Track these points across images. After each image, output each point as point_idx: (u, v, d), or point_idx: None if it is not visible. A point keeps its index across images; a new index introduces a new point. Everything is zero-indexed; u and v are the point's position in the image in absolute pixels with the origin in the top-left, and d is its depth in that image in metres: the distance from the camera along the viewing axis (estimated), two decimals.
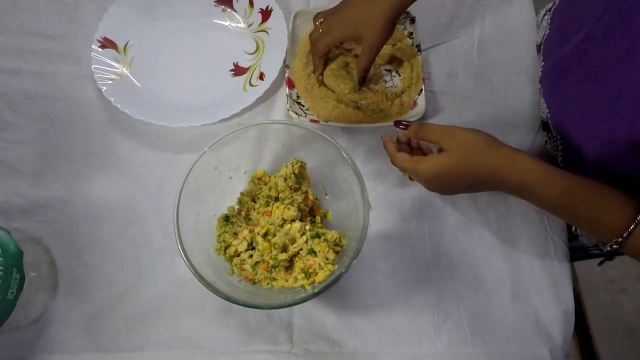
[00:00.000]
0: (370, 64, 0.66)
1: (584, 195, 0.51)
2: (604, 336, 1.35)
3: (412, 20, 0.78)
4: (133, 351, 0.61)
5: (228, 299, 0.52)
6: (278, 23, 0.76)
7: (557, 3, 0.75)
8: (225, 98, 0.73)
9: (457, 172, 0.54)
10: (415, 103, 0.73)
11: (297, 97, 0.74)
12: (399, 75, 0.77)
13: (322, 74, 0.74)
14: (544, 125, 0.72)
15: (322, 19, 0.68)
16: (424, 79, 0.74)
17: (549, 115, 0.68)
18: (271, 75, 0.73)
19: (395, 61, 0.77)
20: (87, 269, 0.64)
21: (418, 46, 0.76)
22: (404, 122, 0.60)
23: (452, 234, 0.68)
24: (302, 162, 0.63)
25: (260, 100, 0.72)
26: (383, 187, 0.70)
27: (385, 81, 0.76)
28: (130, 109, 0.69)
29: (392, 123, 0.62)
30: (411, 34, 0.78)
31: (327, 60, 0.74)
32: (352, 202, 0.60)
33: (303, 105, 0.73)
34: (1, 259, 0.54)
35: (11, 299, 0.55)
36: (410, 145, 0.63)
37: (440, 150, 0.57)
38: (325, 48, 0.68)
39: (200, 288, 0.52)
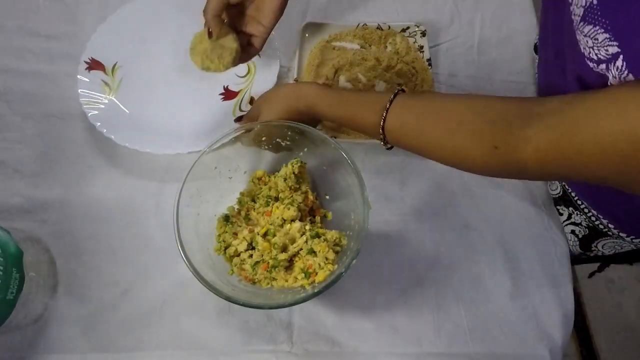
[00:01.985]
0: (272, 26, 0.65)
1: (349, 102, 0.57)
2: (604, 336, 1.35)
3: (423, 34, 0.77)
4: (133, 351, 0.61)
5: (228, 299, 0.52)
6: (270, 46, 0.74)
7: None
8: (214, 123, 0.71)
9: (272, 116, 0.60)
10: None
11: None
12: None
13: (217, 36, 0.63)
14: None
15: None
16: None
17: None
18: None
19: (405, 75, 0.76)
20: (87, 269, 0.64)
21: (429, 60, 0.75)
22: (239, 118, 0.68)
23: (452, 234, 0.68)
24: (302, 162, 0.62)
25: None
26: (383, 187, 0.70)
27: None
28: (115, 134, 0.67)
29: None
30: (421, 47, 0.77)
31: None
32: (352, 202, 0.60)
33: None
34: (1, 259, 0.54)
35: (11, 299, 0.55)
36: None
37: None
38: (220, 6, 0.60)
39: (200, 288, 0.52)
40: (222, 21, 0.62)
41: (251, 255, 0.59)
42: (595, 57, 0.40)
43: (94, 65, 0.73)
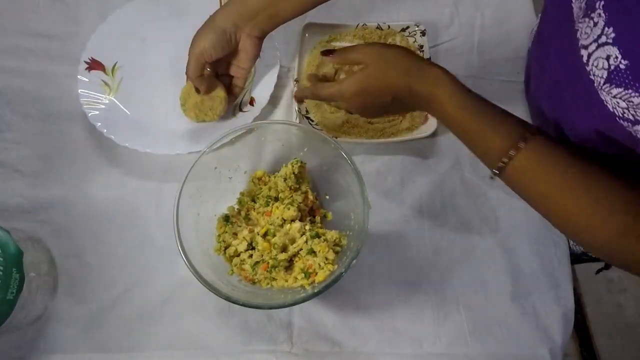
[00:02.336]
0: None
1: (476, 112, 0.51)
2: (604, 336, 1.35)
3: (423, 33, 0.76)
4: (133, 351, 0.61)
5: (228, 299, 0.52)
6: (270, 46, 0.74)
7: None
8: (214, 123, 0.71)
9: (375, 82, 0.55)
10: (426, 117, 0.72)
11: (307, 111, 0.73)
12: None
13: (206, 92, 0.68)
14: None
15: None
16: None
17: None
18: (262, 101, 0.71)
19: None
20: (87, 269, 0.64)
21: (429, 59, 0.75)
22: (329, 50, 0.60)
23: (452, 234, 0.68)
24: (302, 162, 0.62)
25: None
26: (383, 187, 0.70)
27: None
28: (115, 135, 0.67)
29: (401, 139, 0.66)
30: (421, 47, 0.76)
31: None
32: (352, 202, 0.60)
33: (312, 120, 0.72)
34: (1, 259, 0.54)
35: (11, 299, 0.55)
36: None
37: (361, 68, 0.56)
38: (196, 67, 0.65)
39: (200, 288, 0.52)
40: (205, 77, 0.66)
41: (251, 255, 0.59)
42: (631, 118, 0.40)
43: (94, 65, 0.73)
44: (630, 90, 0.39)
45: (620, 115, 0.41)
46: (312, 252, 0.57)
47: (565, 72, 0.52)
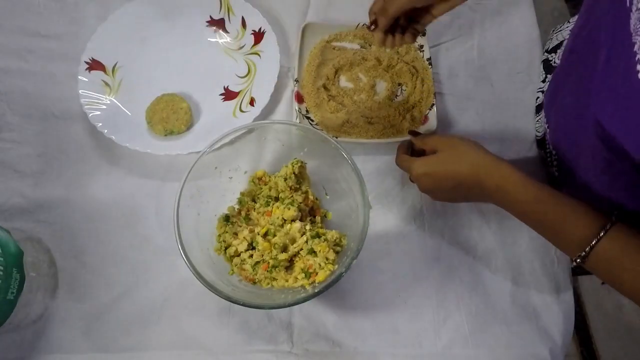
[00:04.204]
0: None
1: (553, 204, 0.52)
2: (604, 336, 1.35)
3: (423, 33, 0.76)
4: (133, 351, 0.61)
5: (228, 299, 0.52)
6: (271, 46, 0.74)
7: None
8: (214, 123, 0.71)
9: (443, 170, 0.57)
10: (426, 118, 0.72)
11: (307, 111, 0.73)
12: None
13: (385, 33, 0.61)
14: (539, 143, 0.72)
15: None
16: (435, 94, 0.73)
17: (547, 130, 0.68)
18: (262, 101, 0.71)
19: (405, 75, 0.75)
20: (87, 269, 0.64)
21: (429, 59, 0.75)
22: (415, 131, 0.65)
23: (452, 234, 0.68)
24: (302, 162, 0.63)
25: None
26: (383, 187, 0.70)
27: (396, 96, 0.75)
28: (116, 135, 0.67)
29: (401, 139, 0.66)
30: (421, 47, 0.76)
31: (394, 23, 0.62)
32: (352, 202, 0.60)
33: (312, 120, 0.72)
34: (1, 259, 0.54)
35: (11, 299, 0.55)
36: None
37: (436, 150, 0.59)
38: (390, 20, 0.58)
39: (200, 288, 0.52)
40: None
41: (251, 255, 0.59)
42: None
43: (94, 65, 0.73)
44: None
45: None
46: (312, 252, 0.57)
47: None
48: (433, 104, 0.72)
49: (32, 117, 0.72)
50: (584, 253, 0.49)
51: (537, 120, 0.73)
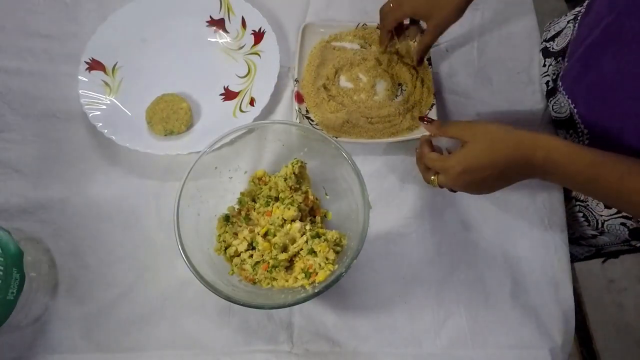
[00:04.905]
0: (432, 43, 0.68)
1: (609, 165, 0.49)
2: (604, 336, 1.35)
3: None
4: (133, 351, 0.61)
5: (228, 299, 0.52)
6: (271, 46, 0.74)
7: (584, 12, 0.72)
8: (214, 123, 0.71)
9: (484, 161, 0.53)
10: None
11: (307, 111, 0.73)
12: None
13: (386, 48, 0.74)
14: (559, 124, 0.72)
15: None
16: (435, 94, 0.73)
17: (574, 110, 0.67)
18: (262, 101, 0.71)
19: (405, 75, 0.75)
20: (87, 269, 0.64)
21: (429, 59, 0.75)
22: (428, 117, 0.61)
23: (452, 234, 0.68)
24: (302, 162, 0.63)
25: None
26: (383, 187, 0.70)
27: (397, 96, 0.75)
28: (116, 135, 0.67)
29: (401, 139, 0.65)
30: None
31: (391, 38, 0.73)
32: (352, 202, 0.60)
33: (312, 120, 0.72)
34: (1, 259, 0.54)
35: (11, 299, 0.55)
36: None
37: (463, 145, 0.55)
38: (393, 22, 0.69)
39: (200, 288, 0.52)
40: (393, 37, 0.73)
41: (251, 255, 0.59)
42: None
43: (95, 65, 0.73)
44: None
45: None
46: (312, 252, 0.57)
47: None
48: (433, 104, 0.72)
49: (32, 117, 0.72)
50: None
51: (554, 103, 0.73)
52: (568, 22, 0.77)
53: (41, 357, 0.60)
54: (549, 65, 0.77)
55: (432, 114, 0.71)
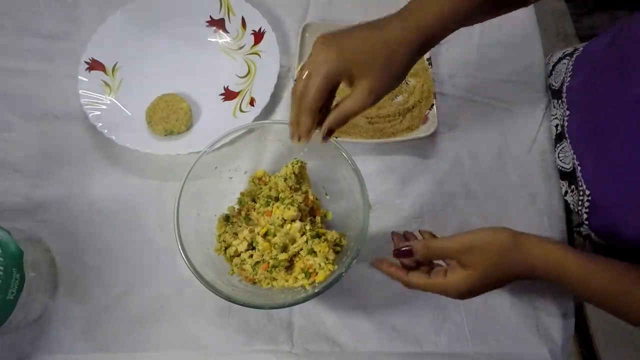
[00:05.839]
0: (358, 113, 0.48)
1: (626, 285, 0.46)
2: (604, 336, 1.35)
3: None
4: (133, 351, 0.61)
5: (228, 299, 0.52)
6: (270, 46, 0.74)
7: (580, 51, 0.71)
8: (214, 123, 0.71)
9: (490, 280, 0.49)
10: (426, 118, 0.72)
11: None
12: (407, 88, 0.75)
13: (309, 137, 0.50)
14: (564, 175, 0.69)
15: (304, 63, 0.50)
16: (435, 94, 0.73)
17: (579, 168, 0.65)
18: (262, 101, 0.71)
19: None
20: (87, 269, 0.64)
21: (429, 59, 0.75)
22: (404, 249, 0.51)
23: (452, 234, 0.67)
24: (302, 162, 0.63)
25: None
26: (383, 187, 0.70)
27: (397, 96, 0.75)
28: (116, 135, 0.67)
29: (402, 139, 0.59)
30: None
31: (323, 118, 0.50)
32: (352, 202, 0.60)
33: None
34: (1, 259, 0.54)
35: (11, 299, 0.55)
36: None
37: (460, 264, 0.50)
38: (317, 95, 0.47)
39: (200, 288, 0.52)
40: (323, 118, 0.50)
41: (251, 255, 0.59)
42: None
43: (95, 65, 0.73)
44: None
45: None
46: (312, 252, 0.57)
47: None
48: (433, 104, 0.72)
49: (32, 117, 0.72)
50: None
51: (561, 151, 0.70)
52: (561, 57, 0.76)
53: (41, 357, 0.60)
54: (556, 107, 0.73)
55: (432, 114, 0.71)
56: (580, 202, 0.65)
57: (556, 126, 0.73)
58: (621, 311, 0.48)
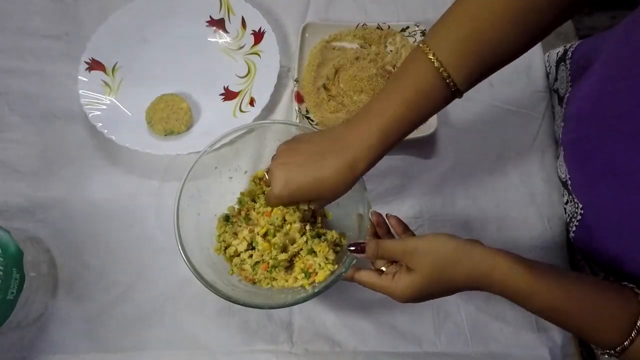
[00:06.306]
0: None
1: (576, 302, 0.45)
2: None
3: (423, 33, 0.76)
4: (133, 351, 0.61)
5: (228, 298, 0.52)
6: (270, 46, 0.74)
7: (571, 57, 0.70)
8: (214, 123, 0.71)
9: (435, 285, 0.48)
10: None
11: (307, 111, 0.73)
12: None
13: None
14: (564, 184, 0.68)
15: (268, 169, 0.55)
16: None
17: (569, 181, 0.65)
18: (262, 101, 0.71)
19: None
20: (87, 269, 0.64)
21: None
22: (358, 246, 0.52)
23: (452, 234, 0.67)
24: None
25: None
26: (383, 186, 0.70)
27: None
28: (116, 135, 0.67)
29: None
30: None
31: None
32: (352, 202, 0.60)
33: (312, 120, 0.72)
34: (1, 259, 0.54)
35: (11, 299, 0.55)
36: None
37: (407, 269, 0.49)
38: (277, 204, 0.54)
39: (200, 288, 0.52)
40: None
41: (251, 255, 0.59)
42: None
43: (95, 65, 0.73)
44: None
45: None
46: (312, 252, 0.57)
47: None
48: None
49: (32, 117, 0.72)
50: (620, 348, 0.44)
51: (560, 160, 0.69)
52: (558, 61, 0.75)
53: (41, 357, 0.60)
54: (559, 112, 0.71)
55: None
56: (574, 214, 0.64)
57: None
58: (572, 331, 0.47)
